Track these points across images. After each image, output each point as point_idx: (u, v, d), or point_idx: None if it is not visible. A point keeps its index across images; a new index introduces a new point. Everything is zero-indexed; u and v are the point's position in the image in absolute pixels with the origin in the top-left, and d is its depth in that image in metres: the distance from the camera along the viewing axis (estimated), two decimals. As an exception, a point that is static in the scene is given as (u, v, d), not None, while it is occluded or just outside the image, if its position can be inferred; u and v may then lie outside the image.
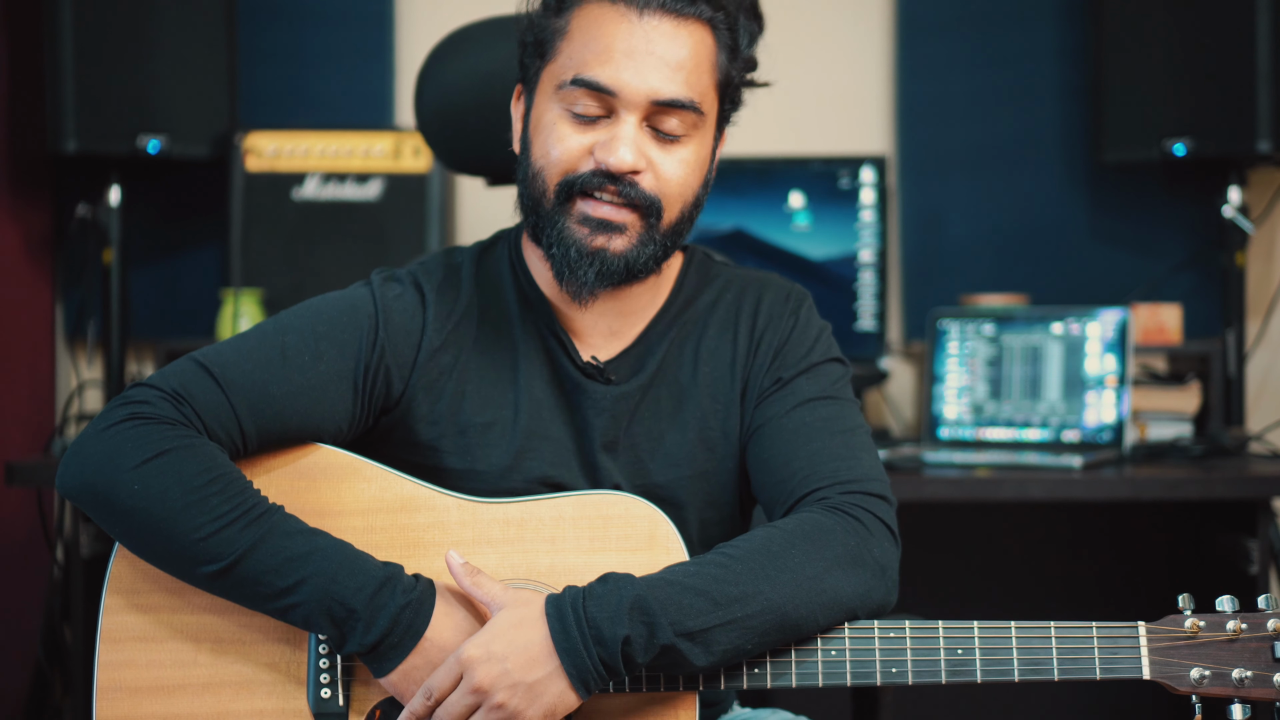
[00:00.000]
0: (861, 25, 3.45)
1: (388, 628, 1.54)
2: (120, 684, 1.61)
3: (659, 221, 1.70)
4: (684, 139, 1.70)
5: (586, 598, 1.53)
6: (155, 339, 3.31)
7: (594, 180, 1.67)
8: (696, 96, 1.69)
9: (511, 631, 1.52)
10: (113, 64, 3.06)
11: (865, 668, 1.60)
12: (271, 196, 3.21)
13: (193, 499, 1.55)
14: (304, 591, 1.54)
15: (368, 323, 1.73)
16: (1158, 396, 3.11)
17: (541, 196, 1.71)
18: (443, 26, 2.32)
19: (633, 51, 1.66)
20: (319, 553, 1.56)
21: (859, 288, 3.24)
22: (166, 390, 1.62)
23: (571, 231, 1.69)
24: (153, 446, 1.57)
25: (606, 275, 1.69)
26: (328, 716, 1.60)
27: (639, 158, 1.67)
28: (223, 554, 1.55)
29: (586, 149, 1.68)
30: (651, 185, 1.69)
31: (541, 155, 1.70)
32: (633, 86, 1.66)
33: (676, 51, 1.67)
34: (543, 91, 1.72)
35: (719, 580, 1.55)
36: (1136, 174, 3.33)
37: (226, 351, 1.68)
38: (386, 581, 1.55)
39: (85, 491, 1.59)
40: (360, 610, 1.54)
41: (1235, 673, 1.57)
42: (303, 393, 1.67)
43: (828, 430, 1.74)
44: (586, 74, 1.67)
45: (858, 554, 1.63)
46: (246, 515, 1.56)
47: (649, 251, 1.70)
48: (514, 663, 1.51)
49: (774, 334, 1.80)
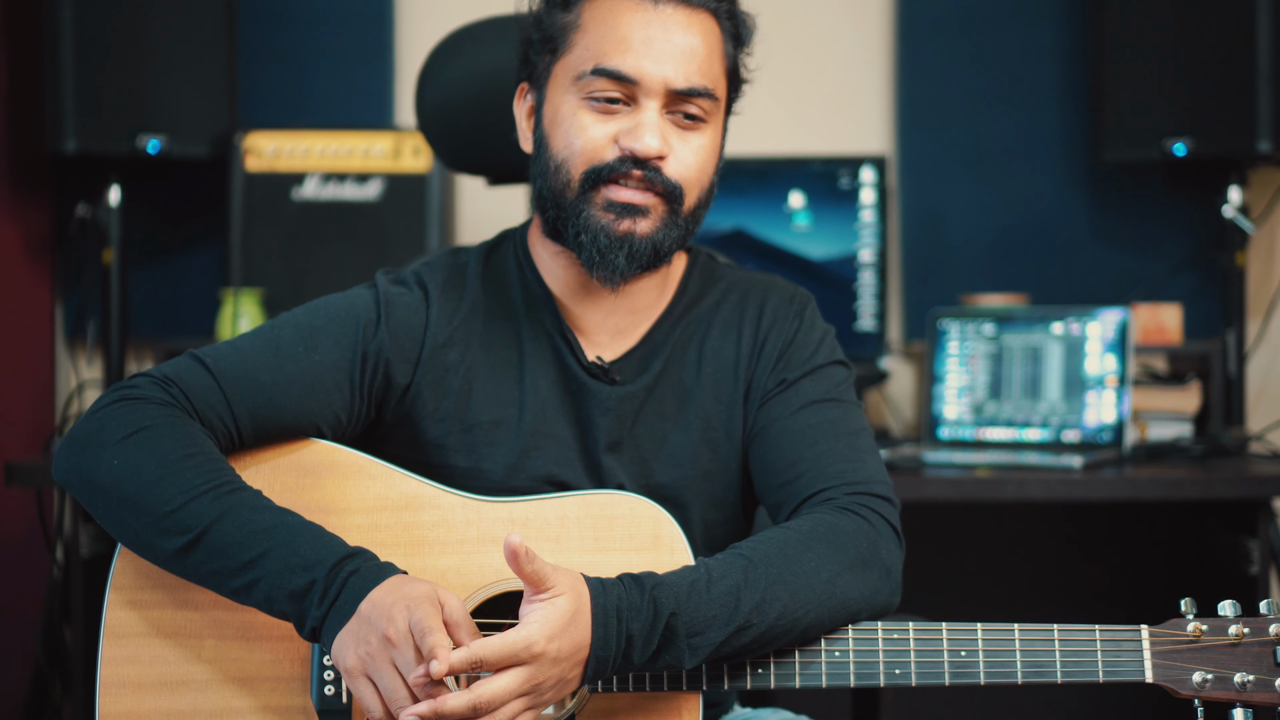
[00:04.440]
0: (861, 25, 3.44)
1: (337, 593, 1.50)
2: (123, 680, 1.61)
3: (680, 206, 1.72)
4: (701, 126, 1.72)
5: (628, 612, 1.50)
6: (155, 339, 3.30)
7: (621, 167, 1.69)
8: (711, 83, 1.72)
9: (570, 630, 1.48)
10: (113, 64, 3.06)
11: (869, 669, 1.60)
12: (271, 196, 3.21)
13: (166, 473, 1.55)
14: (266, 564, 1.52)
15: (367, 317, 1.74)
16: (1158, 396, 3.10)
17: (565, 188, 1.71)
18: (443, 26, 2.32)
19: (650, 40, 1.69)
20: (284, 526, 1.54)
21: (859, 288, 3.24)
22: (157, 376, 1.64)
23: (598, 218, 1.70)
24: (135, 423, 1.58)
25: (636, 258, 1.71)
26: (330, 714, 1.59)
27: (664, 144, 1.69)
28: (190, 526, 1.53)
29: (610, 137, 1.70)
30: (674, 171, 1.71)
31: (564, 147, 1.71)
32: (653, 74, 1.68)
33: (691, 40, 1.70)
34: (557, 85, 1.73)
35: (739, 588, 1.55)
36: (1137, 174, 3.32)
37: (222, 347, 1.70)
38: (350, 556, 1.53)
39: (74, 473, 1.59)
40: (320, 579, 1.51)
41: (1237, 677, 1.57)
42: (294, 381, 1.68)
43: (833, 432, 1.75)
44: (607, 64, 1.69)
45: (868, 556, 1.64)
46: (218, 490, 1.55)
47: (674, 235, 1.73)
48: (566, 664, 1.49)
49: (778, 336, 1.81)
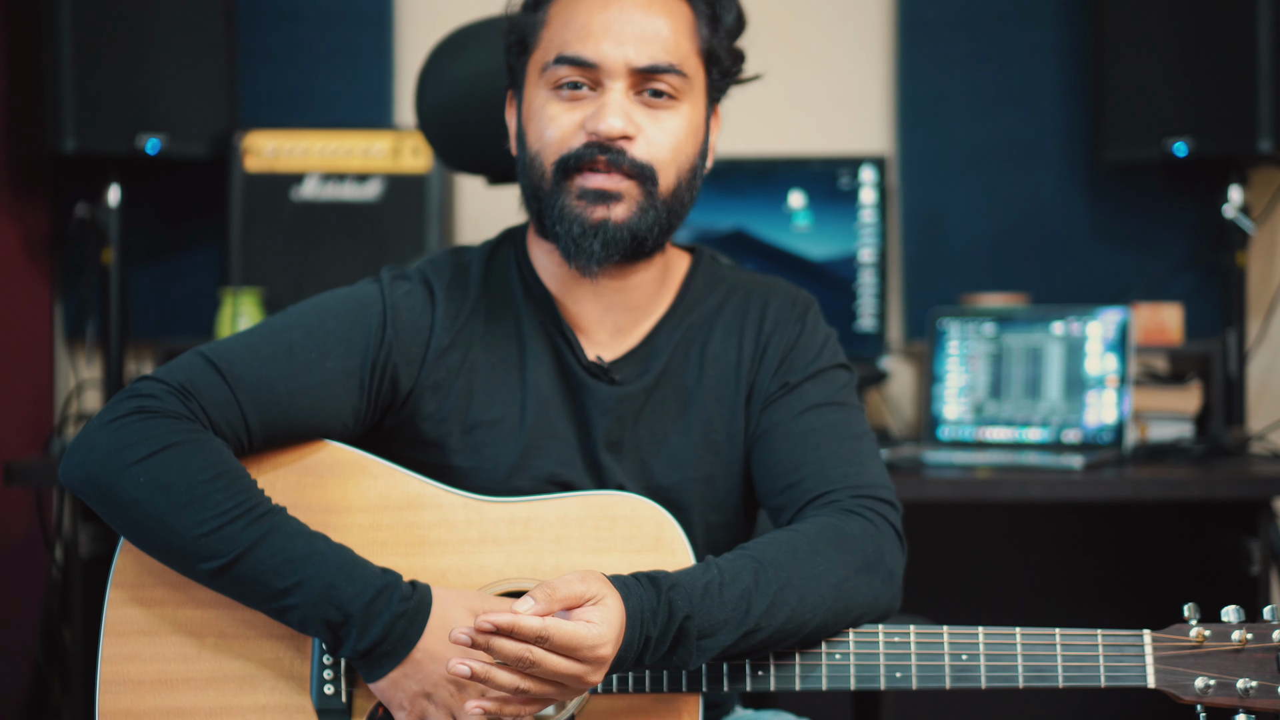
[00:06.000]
0: (861, 25, 3.44)
1: (381, 635, 1.54)
2: (124, 677, 1.61)
3: (656, 188, 1.71)
4: (672, 105, 1.72)
5: (648, 614, 1.51)
6: (154, 339, 3.30)
7: (587, 152, 1.69)
8: (677, 60, 1.71)
9: (614, 637, 1.49)
10: (112, 64, 3.05)
11: (869, 671, 1.59)
12: (271, 196, 3.20)
13: (197, 494, 1.55)
14: (301, 594, 1.54)
15: (376, 320, 1.73)
16: (1158, 396, 3.10)
17: (541, 180, 1.72)
18: (443, 26, 2.32)
19: (609, 23, 1.70)
20: (318, 556, 1.55)
21: (859, 288, 3.24)
22: (173, 385, 1.62)
23: (572, 207, 1.70)
24: (159, 440, 1.57)
25: (612, 245, 1.70)
26: (330, 713, 1.60)
27: (628, 123, 1.69)
28: (223, 551, 1.54)
29: (578, 124, 1.70)
30: (644, 152, 1.70)
31: (536, 140, 1.72)
32: (612, 55, 1.69)
33: (652, 21, 1.71)
34: (529, 82, 1.75)
35: (751, 591, 1.56)
36: (1137, 174, 3.32)
37: (234, 347, 1.68)
38: (384, 589, 1.55)
39: (89, 484, 1.58)
40: (356, 616, 1.53)
41: (1240, 683, 1.57)
42: (309, 390, 1.67)
43: (835, 436, 1.74)
44: (568, 51, 1.70)
45: (873, 560, 1.64)
46: (249, 514, 1.55)
47: (650, 218, 1.71)
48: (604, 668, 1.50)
49: (780, 339, 1.80)
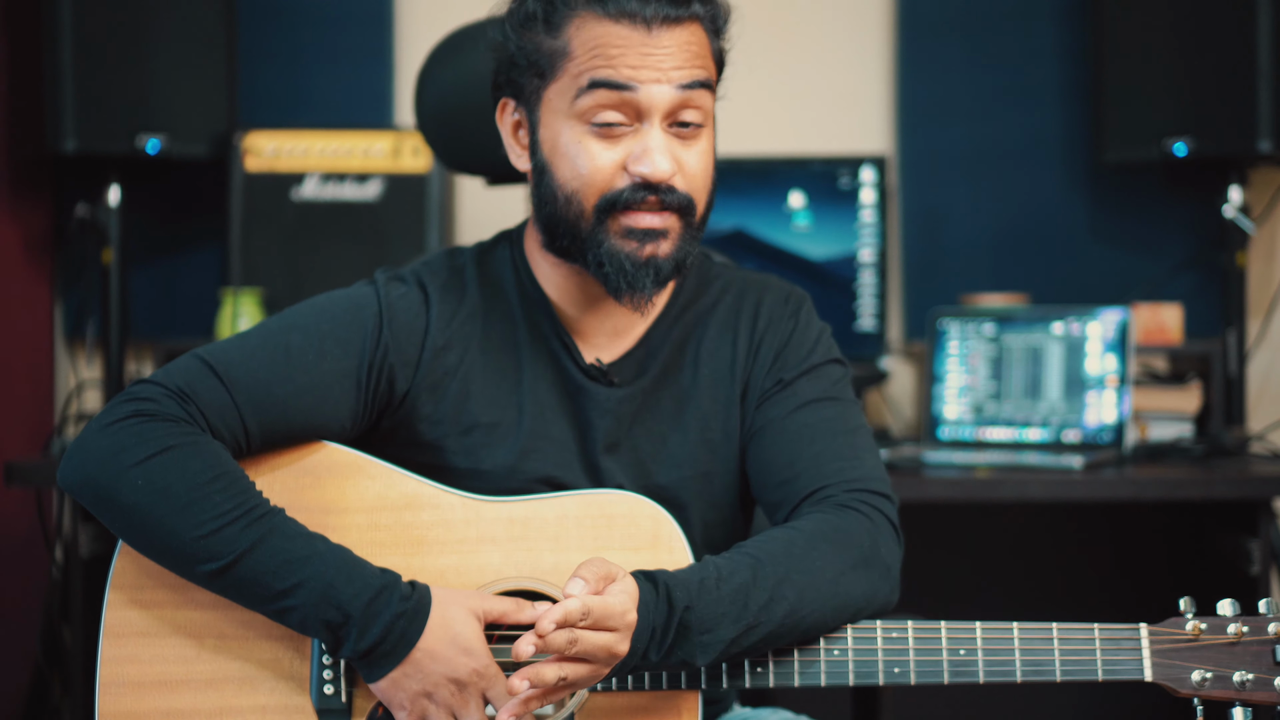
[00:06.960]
0: (861, 25, 3.44)
1: (381, 635, 1.54)
2: (123, 679, 1.61)
3: (694, 218, 1.73)
4: (700, 130, 1.71)
5: (651, 608, 1.53)
6: (154, 339, 3.30)
7: (636, 195, 1.68)
8: (706, 76, 1.71)
9: (635, 604, 1.53)
10: (112, 64, 3.06)
11: (868, 667, 1.60)
12: (271, 196, 3.21)
13: (195, 496, 1.55)
14: (301, 595, 1.54)
15: (372, 321, 1.73)
16: (1158, 396, 3.10)
17: (579, 219, 1.70)
18: (442, 26, 2.32)
19: (646, 52, 1.66)
20: (317, 557, 1.56)
21: (859, 288, 3.24)
22: (171, 388, 1.62)
23: (619, 246, 1.69)
24: (157, 443, 1.57)
25: (662, 280, 1.72)
26: (330, 713, 1.60)
27: (673, 164, 1.68)
28: (222, 553, 1.55)
29: (619, 164, 1.68)
30: (684, 186, 1.70)
31: (573, 177, 1.69)
32: (655, 91, 1.66)
33: (682, 52, 1.68)
34: (552, 111, 1.70)
35: (748, 586, 1.56)
36: (1137, 174, 3.32)
37: (231, 350, 1.68)
38: (383, 589, 1.55)
39: (87, 487, 1.58)
40: (356, 616, 1.54)
41: (1236, 676, 1.57)
42: (306, 392, 1.67)
43: (830, 431, 1.75)
44: (602, 76, 1.66)
45: (870, 555, 1.65)
46: (248, 515, 1.56)
47: (691, 246, 1.73)
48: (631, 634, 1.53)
49: (774, 336, 1.81)
